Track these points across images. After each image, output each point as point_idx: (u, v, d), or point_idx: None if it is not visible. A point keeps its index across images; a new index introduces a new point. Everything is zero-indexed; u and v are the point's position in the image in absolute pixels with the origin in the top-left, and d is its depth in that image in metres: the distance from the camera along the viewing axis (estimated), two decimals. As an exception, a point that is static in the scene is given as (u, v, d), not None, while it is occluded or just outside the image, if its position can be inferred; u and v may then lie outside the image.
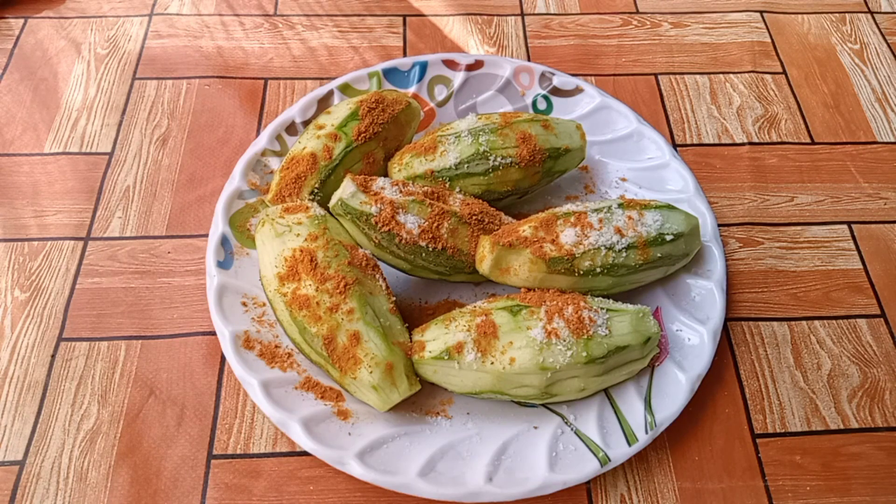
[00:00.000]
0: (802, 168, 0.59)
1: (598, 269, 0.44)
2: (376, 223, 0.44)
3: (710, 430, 0.45)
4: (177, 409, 0.45)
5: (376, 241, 0.45)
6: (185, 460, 0.43)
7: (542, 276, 0.43)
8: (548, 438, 0.42)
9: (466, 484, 0.39)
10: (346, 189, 0.45)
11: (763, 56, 0.66)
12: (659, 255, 0.45)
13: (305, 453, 0.43)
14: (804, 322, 0.50)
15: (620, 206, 0.46)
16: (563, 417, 0.43)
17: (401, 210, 0.44)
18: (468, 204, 0.47)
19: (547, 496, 0.41)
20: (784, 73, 0.65)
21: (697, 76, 0.64)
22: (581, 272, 0.44)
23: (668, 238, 0.45)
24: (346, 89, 0.57)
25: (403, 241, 0.44)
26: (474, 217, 0.46)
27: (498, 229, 0.47)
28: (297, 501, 0.42)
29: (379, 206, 0.44)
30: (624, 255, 0.44)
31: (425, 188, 0.47)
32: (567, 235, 0.44)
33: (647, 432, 0.42)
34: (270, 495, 0.42)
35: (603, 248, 0.44)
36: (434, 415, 0.44)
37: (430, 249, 0.44)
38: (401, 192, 0.45)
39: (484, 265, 0.44)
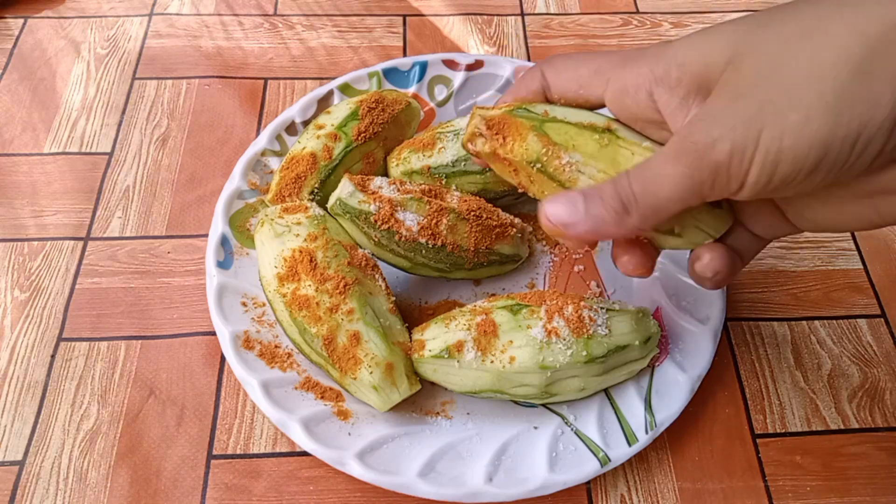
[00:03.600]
0: (802, 168, 0.59)
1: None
2: (375, 221, 0.44)
3: (710, 430, 0.45)
4: (177, 409, 0.45)
5: (376, 240, 0.45)
6: (185, 460, 0.43)
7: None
8: (548, 438, 0.42)
9: (466, 484, 0.39)
10: (344, 188, 0.45)
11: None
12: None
13: (305, 453, 0.43)
14: (804, 322, 0.50)
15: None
16: (563, 417, 0.43)
17: (399, 208, 0.44)
18: (466, 201, 0.47)
19: (547, 496, 0.41)
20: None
21: (697, 76, 0.64)
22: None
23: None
24: (346, 89, 0.57)
25: (403, 239, 0.44)
26: (472, 213, 0.46)
27: (496, 224, 0.47)
28: (297, 501, 0.42)
29: (377, 204, 0.44)
30: None
31: (423, 186, 0.47)
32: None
33: (647, 432, 0.42)
34: (270, 495, 0.42)
35: None
36: (434, 415, 0.44)
37: (430, 246, 0.44)
38: (398, 190, 0.45)
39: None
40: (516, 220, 0.49)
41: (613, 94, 0.33)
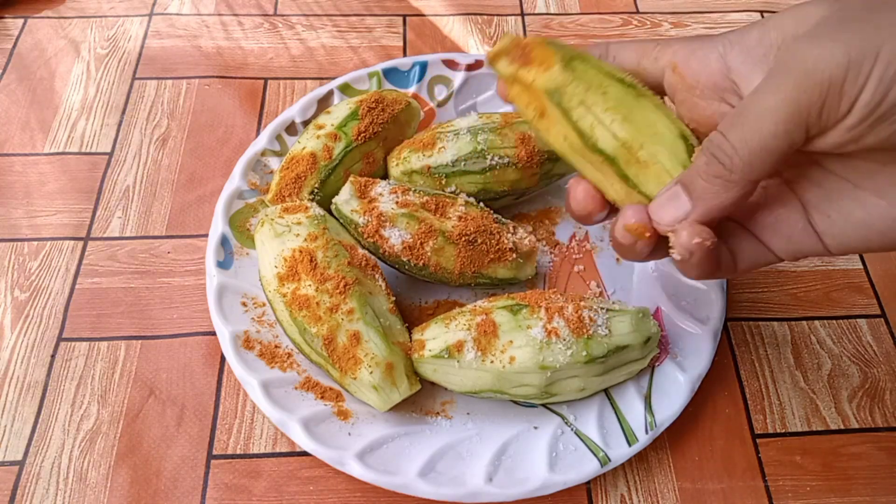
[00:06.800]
0: (802, 168, 0.59)
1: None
2: (362, 233, 0.44)
3: (710, 430, 0.45)
4: (177, 409, 0.45)
5: (365, 247, 0.46)
6: (185, 460, 0.43)
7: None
8: (548, 438, 0.42)
9: (466, 484, 0.39)
10: (343, 194, 0.46)
11: (763, 56, 0.66)
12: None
13: (305, 453, 0.43)
14: (804, 322, 0.50)
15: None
16: (563, 417, 0.43)
17: (388, 224, 0.44)
18: (465, 221, 0.46)
19: (547, 496, 0.41)
20: (784, 72, 0.65)
21: (697, 76, 0.64)
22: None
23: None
24: (346, 89, 0.57)
25: (386, 254, 0.45)
26: (465, 238, 0.45)
27: (492, 250, 0.46)
28: (297, 501, 0.42)
29: (367, 217, 0.44)
30: None
31: (425, 198, 0.47)
32: None
33: (647, 432, 0.42)
34: (270, 495, 0.42)
35: None
36: (434, 415, 0.44)
37: (413, 264, 0.45)
38: (397, 201, 0.45)
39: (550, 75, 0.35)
40: (526, 241, 0.47)
41: (680, 57, 0.32)
